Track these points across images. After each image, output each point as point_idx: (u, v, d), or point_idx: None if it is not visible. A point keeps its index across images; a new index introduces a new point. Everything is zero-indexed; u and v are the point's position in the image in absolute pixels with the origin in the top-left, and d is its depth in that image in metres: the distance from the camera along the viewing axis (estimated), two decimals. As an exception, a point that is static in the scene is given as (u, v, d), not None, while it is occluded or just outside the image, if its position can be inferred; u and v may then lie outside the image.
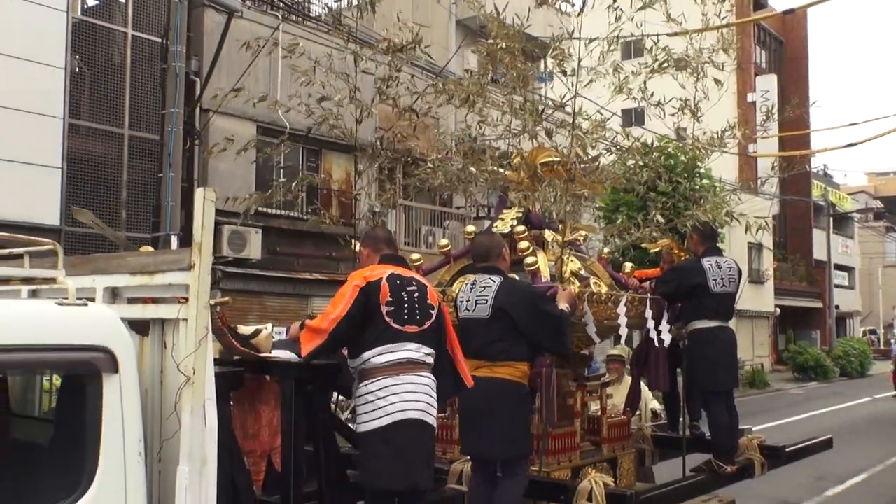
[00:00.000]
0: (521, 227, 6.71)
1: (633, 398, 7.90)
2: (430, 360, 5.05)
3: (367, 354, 4.89)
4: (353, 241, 7.16)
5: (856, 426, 22.42)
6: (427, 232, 21.64)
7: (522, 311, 5.69)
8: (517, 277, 6.32)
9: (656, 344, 7.03)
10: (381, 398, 4.83)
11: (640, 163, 7.85)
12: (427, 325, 5.05)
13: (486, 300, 5.76)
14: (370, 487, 4.90)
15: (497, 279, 5.84)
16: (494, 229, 7.06)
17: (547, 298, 5.91)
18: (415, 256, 6.99)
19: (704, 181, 21.94)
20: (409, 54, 7.58)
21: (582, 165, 6.76)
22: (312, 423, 4.75)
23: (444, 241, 7.26)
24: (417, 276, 5.30)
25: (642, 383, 7.93)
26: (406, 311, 5.00)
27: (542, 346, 5.83)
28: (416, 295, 5.08)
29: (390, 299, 4.96)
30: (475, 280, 5.91)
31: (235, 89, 7.85)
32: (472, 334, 5.69)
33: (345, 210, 18.12)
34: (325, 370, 4.88)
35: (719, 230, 24.55)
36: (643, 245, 7.75)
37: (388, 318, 4.93)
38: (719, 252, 7.68)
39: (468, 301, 5.84)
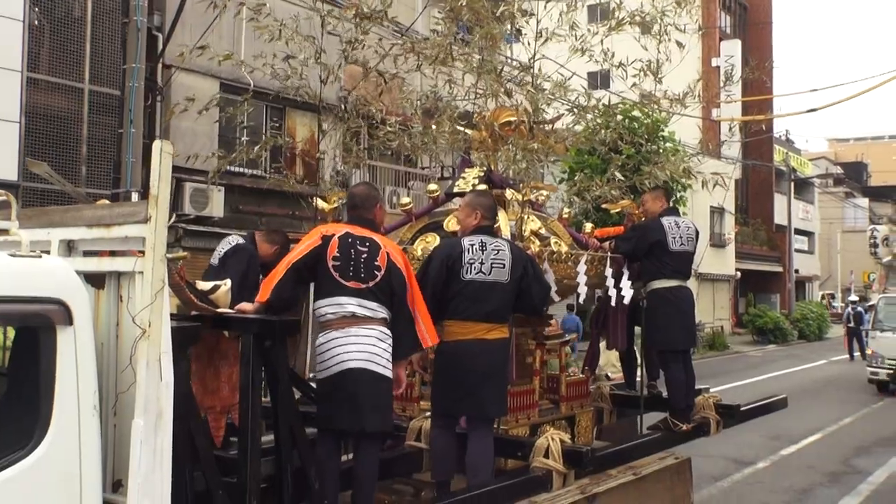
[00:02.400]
0: (482, 187, 6.73)
1: (592, 358, 7.97)
2: (381, 314, 5.23)
3: (320, 303, 5.22)
4: (316, 200, 7.14)
5: (812, 388, 22.77)
6: (392, 192, 21.56)
7: (528, 277, 5.86)
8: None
9: (614, 303, 7.10)
10: (329, 349, 5.15)
11: (602, 123, 7.86)
12: (371, 283, 5.22)
13: (504, 264, 5.80)
14: (321, 427, 5.24)
15: (505, 243, 5.93)
16: (456, 188, 7.08)
17: (538, 264, 6.11)
18: (405, 200, 7.22)
19: (667, 144, 22.04)
20: (375, 21, 7.54)
21: (541, 125, 6.77)
22: (271, 379, 4.75)
23: (405, 200, 7.26)
24: (376, 238, 5.41)
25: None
26: (352, 268, 5.23)
27: (526, 308, 6.07)
28: (364, 255, 5.27)
29: (337, 254, 5.24)
30: (483, 241, 5.87)
31: (200, 47, 7.73)
32: (489, 298, 5.75)
33: (308, 170, 18.02)
34: (284, 325, 4.87)
35: (681, 193, 24.57)
36: (603, 206, 7.79)
37: (333, 272, 5.21)
38: (677, 212, 7.74)
39: (480, 263, 5.80)
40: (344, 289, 5.18)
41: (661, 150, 18.24)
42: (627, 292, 7.14)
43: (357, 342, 5.11)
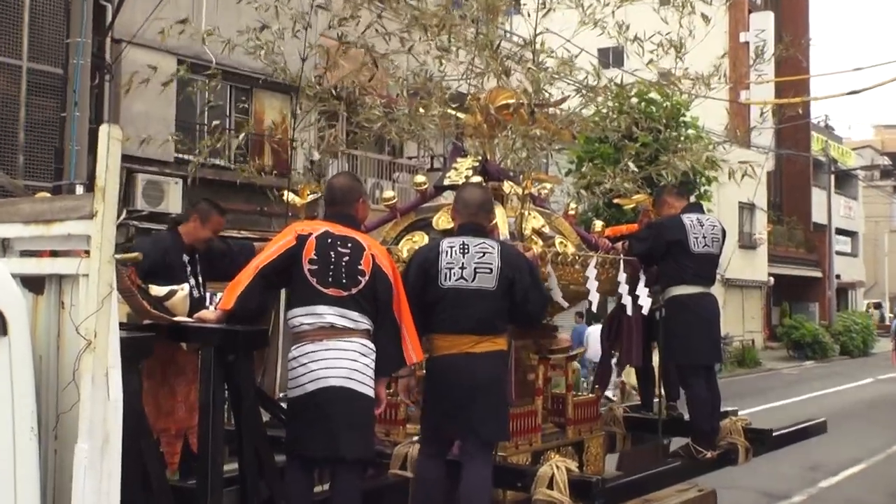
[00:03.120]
0: (476, 179, 6.74)
1: (603, 374, 7.99)
2: (364, 325, 5.24)
3: (294, 312, 5.22)
4: (287, 194, 7.15)
5: (855, 410, 22.74)
6: (374, 185, 21.60)
7: (523, 281, 5.82)
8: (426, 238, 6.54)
9: (629, 312, 7.12)
10: (302, 365, 5.14)
11: (614, 106, 7.88)
12: (354, 290, 5.23)
13: (490, 269, 5.74)
14: (292, 454, 5.23)
15: (494, 243, 5.87)
16: (447, 181, 7.09)
17: (537, 271, 6.07)
18: (389, 194, 7.25)
19: (689, 131, 22.09)
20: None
21: (544, 109, 6.78)
22: (234, 398, 4.76)
23: (389, 194, 7.27)
24: (359, 238, 5.41)
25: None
26: (331, 273, 5.23)
27: (521, 318, 6.01)
28: (345, 258, 5.27)
29: (314, 257, 5.22)
30: (464, 243, 5.82)
31: (159, 18, 7.76)
32: (472, 307, 5.71)
33: (279, 159, 18.03)
34: (250, 337, 4.88)
35: (705, 187, 24.69)
36: (616, 200, 7.82)
37: (310, 277, 5.20)
38: (701, 209, 7.78)
39: (461, 268, 5.76)
40: (322, 297, 5.18)
41: (681, 138, 18.33)
42: (645, 301, 7.15)
43: (335, 356, 5.11)
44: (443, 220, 6.72)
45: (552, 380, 7.35)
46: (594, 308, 7.05)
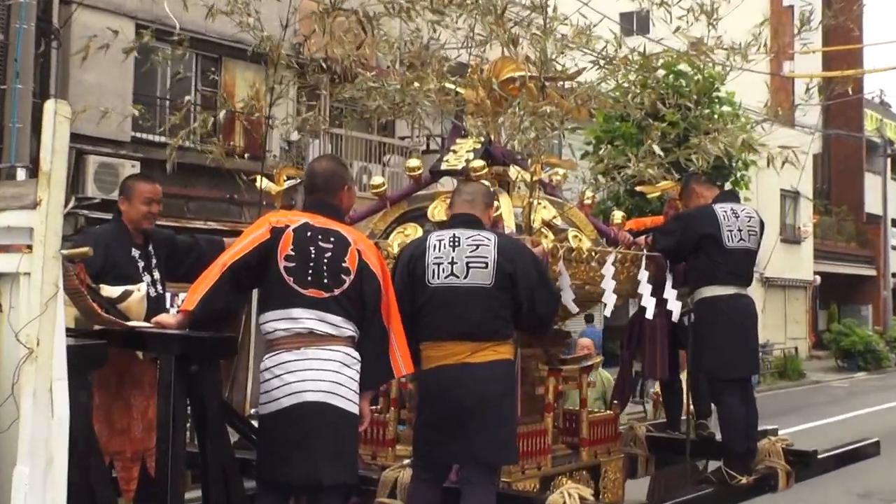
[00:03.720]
0: (478, 163, 6.74)
1: (623, 387, 8.00)
2: (348, 332, 5.22)
3: (267, 316, 5.19)
4: (260, 179, 7.15)
5: (913, 429, 22.72)
6: (361, 169, 21.57)
7: (527, 278, 5.78)
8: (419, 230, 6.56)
9: (651, 316, 7.12)
10: (277, 376, 5.10)
11: (637, 80, 7.86)
12: (337, 291, 5.21)
13: (486, 262, 5.72)
14: (261, 477, 5.22)
15: (491, 235, 5.85)
16: (445, 165, 7.09)
17: (545, 266, 6.06)
18: (377, 181, 7.24)
19: (724, 108, 22.05)
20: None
21: (557, 83, 6.78)
22: (198, 415, 4.76)
23: (378, 180, 7.27)
24: (343, 231, 5.40)
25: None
26: (311, 271, 5.21)
27: (527, 323, 5.97)
28: (327, 254, 5.27)
29: (291, 252, 5.21)
30: (455, 235, 5.82)
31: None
32: (466, 308, 5.70)
33: (252, 140, 18.00)
34: (217, 345, 4.88)
35: (742, 172, 24.79)
36: (638, 188, 7.81)
37: (286, 276, 5.18)
38: (736, 198, 7.78)
39: (451, 263, 5.75)
40: (300, 298, 5.17)
41: (715, 116, 18.30)
42: (674, 304, 7.17)
43: (315, 367, 5.10)
44: (439, 211, 6.73)
45: (564, 394, 7.35)
46: (608, 311, 7.02)
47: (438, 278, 5.73)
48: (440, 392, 5.67)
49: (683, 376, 8.20)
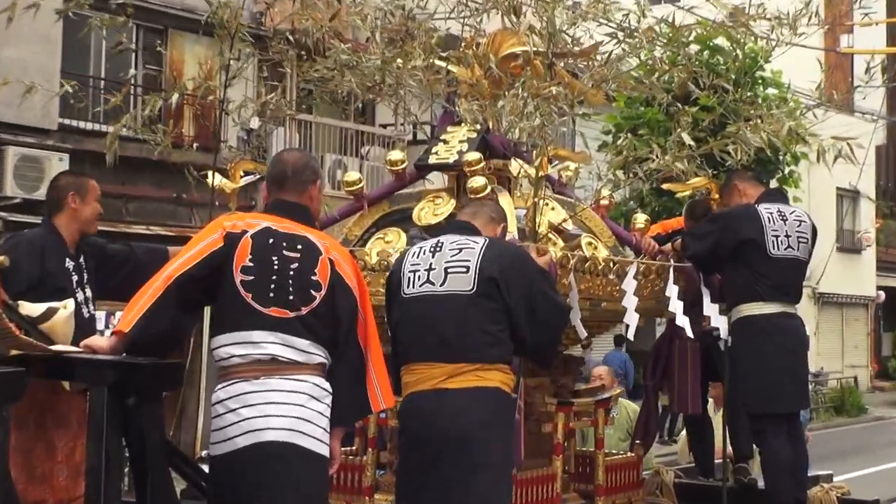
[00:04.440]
0: (473, 155, 6.73)
1: (648, 424, 7.99)
2: (318, 358, 5.15)
3: (221, 339, 5.11)
4: (213, 175, 7.14)
5: None
6: (335, 163, 21.59)
7: (520, 286, 5.71)
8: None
9: (690, 334, 7.10)
10: (232, 411, 5.01)
11: (666, 57, 7.86)
12: (305, 310, 5.15)
13: (467, 266, 5.67)
14: None
15: (479, 239, 5.79)
16: (433, 157, 7.07)
17: (549, 275, 6.00)
18: (353, 176, 7.24)
19: (769, 91, 22.08)
20: None
21: (567, 60, 6.77)
22: (136, 458, 4.74)
23: (353, 176, 7.26)
24: (313, 237, 5.35)
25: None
26: (273, 285, 5.14)
27: (524, 343, 5.85)
28: (294, 264, 5.21)
29: (250, 263, 5.14)
30: (439, 241, 5.82)
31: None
32: (438, 319, 5.66)
33: (203, 128, 17.99)
34: (159, 372, 4.87)
35: (791, 167, 24.89)
36: (666, 186, 7.81)
37: (243, 291, 5.11)
38: (783, 198, 7.77)
39: (428, 270, 5.73)
40: (260, 318, 5.10)
41: (758, 100, 18.30)
42: (719, 320, 7.14)
43: (277, 401, 5.03)
44: (427, 212, 6.72)
45: (578, 432, 7.34)
46: (632, 333, 6.99)
47: (413, 287, 5.74)
48: (411, 424, 5.68)
49: (719, 418, 8.18)
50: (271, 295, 5.11)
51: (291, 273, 5.16)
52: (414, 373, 5.64)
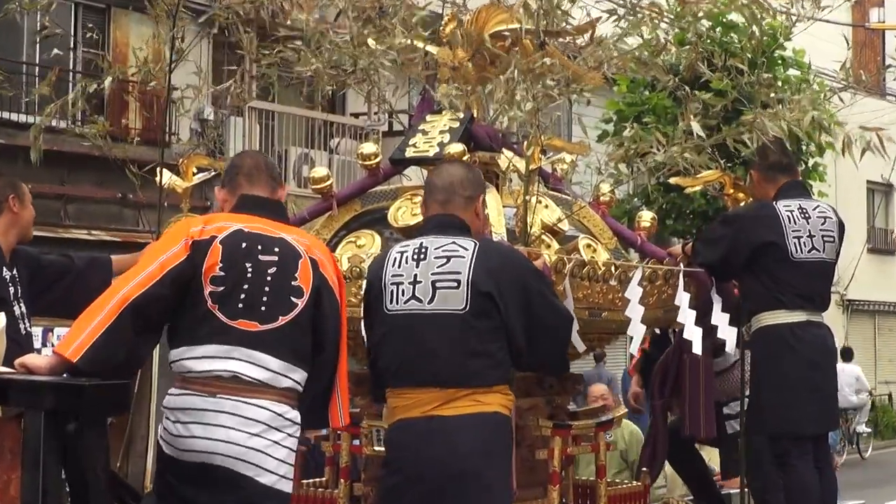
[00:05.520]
0: (456, 147, 6.74)
1: (656, 448, 8.00)
2: (288, 381, 5.16)
3: (179, 352, 5.14)
4: (160, 171, 7.15)
5: None
6: (300, 157, 21.59)
7: (517, 297, 5.69)
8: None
9: (698, 351, 7.10)
10: (182, 423, 5.07)
11: (672, 35, 7.88)
12: (283, 320, 5.16)
13: (457, 280, 5.60)
14: None
15: (469, 243, 5.72)
16: (411, 150, 7.08)
17: (547, 278, 6.02)
18: (321, 172, 7.26)
19: (790, 72, 22.09)
20: None
21: (561, 39, 6.79)
22: (77, 492, 4.75)
23: (320, 172, 7.26)
24: (291, 236, 5.39)
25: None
26: (244, 295, 5.14)
27: (526, 360, 5.87)
28: (271, 269, 5.21)
29: (219, 273, 5.12)
30: (422, 245, 5.73)
31: None
32: (432, 342, 5.61)
33: (149, 120, 17.98)
34: (104, 395, 4.87)
35: (814, 159, 25.00)
36: (674, 180, 7.81)
37: (210, 302, 5.10)
38: (805, 192, 7.78)
39: (413, 283, 5.66)
40: (226, 332, 5.12)
41: (778, 83, 18.28)
42: (728, 331, 7.13)
43: (230, 424, 5.05)
44: (404, 212, 6.73)
45: (576, 459, 7.35)
46: (635, 347, 7.00)
47: (397, 303, 5.66)
48: (402, 457, 5.63)
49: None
50: (240, 306, 5.12)
51: (268, 279, 5.17)
52: (402, 397, 5.62)
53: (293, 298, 5.18)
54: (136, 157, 8.12)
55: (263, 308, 5.13)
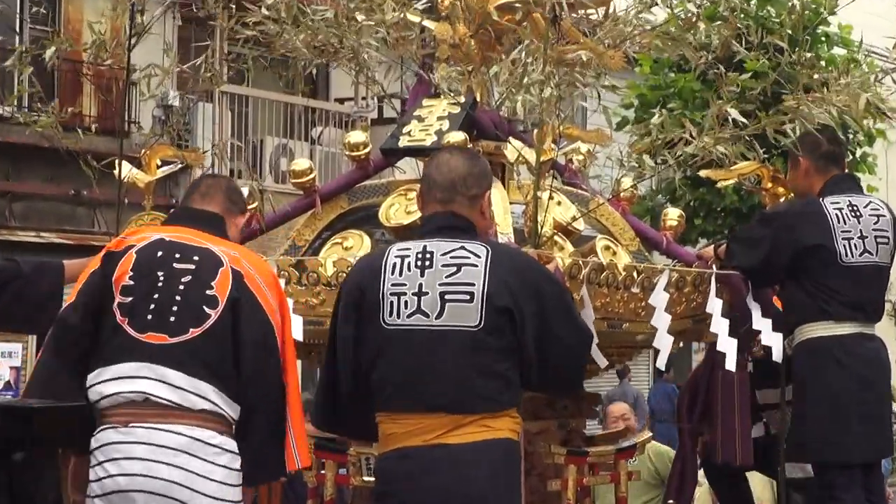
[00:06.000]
0: (456, 136, 6.74)
1: (684, 477, 7.99)
2: (207, 402, 5.15)
3: (92, 376, 5.15)
4: (120, 164, 7.15)
5: None
6: (278, 148, 21.59)
7: (536, 312, 5.61)
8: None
9: (731, 366, 7.09)
10: (100, 464, 5.06)
11: (703, 10, 7.89)
12: (195, 332, 5.18)
13: (470, 293, 5.50)
14: None
15: (481, 248, 5.62)
16: (404, 140, 7.07)
17: (567, 288, 5.98)
18: (302, 165, 7.26)
19: (835, 51, 22.07)
20: None
21: (576, 13, 6.79)
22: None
23: (301, 165, 7.24)
24: (217, 246, 5.43)
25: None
26: (154, 305, 5.19)
27: (535, 380, 5.79)
28: (185, 278, 5.27)
29: (129, 283, 5.21)
30: (426, 249, 5.61)
31: None
32: (441, 362, 5.52)
33: (107, 106, 17.99)
34: (54, 419, 4.88)
35: (863, 149, 25.06)
36: (704, 173, 7.80)
37: (119, 315, 5.17)
38: (856, 186, 7.76)
39: (417, 294, 5.55)
40: (135, 348, 5.17)
41: (822, 63, 18.28)
42: (772, 337, 7.09)
43: (147, 455, 5.04)
44: (397, 210, 6.72)
45: (593, 490, 7.35)
46: (663, 361, 6.98)
47: (399, 317, 5.53)
48: (399, 485, 5.55)
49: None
50: (149, 317, 5.16)
51: (181, 288, 5.20)
52: (400, 423, 5.52)
53: (206, 308, 5.20)
54: (91, 149, 8.11)
55: (173, 319, 5.17)
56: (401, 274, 5.56)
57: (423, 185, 5.93)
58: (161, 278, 5.15)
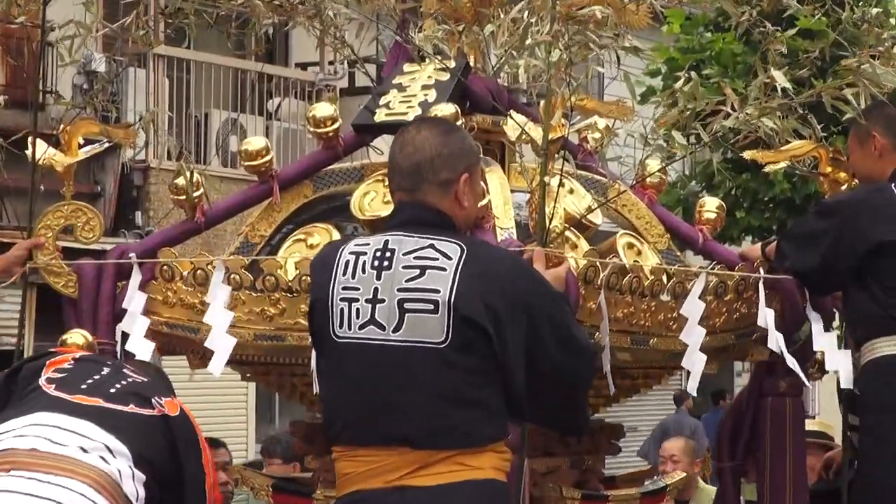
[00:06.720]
0: (446, 108, 6.73)
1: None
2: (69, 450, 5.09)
3: None
4: (33, 143, 7.14)
5: None
6: (226, 124, 21.62)
7: (519, 326, 5.43)
8: None
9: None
10: None
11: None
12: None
13: (434, 302, 5.32)
14: None
15: (453, 247, 5.43)
16: (381, 114, 7.07)
17: (565, 298, 5.87)
18: (256, 145, 7.25)
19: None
20: None
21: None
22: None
23: (256, 144, 7.24)
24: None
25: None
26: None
27: (528, 415, 5.79)
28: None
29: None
30: (387, 245, 5.47)
31: None
32: (393, 387, 5.37)
33: (16, 72, 18.02)
34: None
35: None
36: (748, 154, 7.79)
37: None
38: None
39: (371, 300, 5.41)
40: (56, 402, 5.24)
41: (891, 21, 18.34)
42: (839, 359, 7.09)
43: None
44: (373, 199, 6.71)
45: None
46: (694, 385, 6.94)
47: (350, 328, 5.39)
48: None
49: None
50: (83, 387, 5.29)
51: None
52: (357, 460, 5.40)
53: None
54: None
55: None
56: (353, 275, 5.43)
57: (388, 169, 5.77)
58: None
